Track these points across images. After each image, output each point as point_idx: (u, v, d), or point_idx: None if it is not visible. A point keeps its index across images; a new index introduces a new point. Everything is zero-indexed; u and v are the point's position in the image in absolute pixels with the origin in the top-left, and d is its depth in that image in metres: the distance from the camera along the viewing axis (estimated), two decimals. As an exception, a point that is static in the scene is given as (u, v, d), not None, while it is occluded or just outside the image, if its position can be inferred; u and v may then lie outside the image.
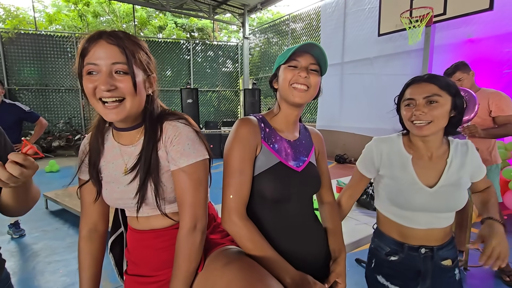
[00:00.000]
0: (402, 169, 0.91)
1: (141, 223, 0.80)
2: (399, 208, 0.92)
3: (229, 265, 0.70)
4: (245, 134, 0.79)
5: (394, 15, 3.75)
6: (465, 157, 0.91)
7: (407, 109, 0.89)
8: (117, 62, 0.65)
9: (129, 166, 0.74)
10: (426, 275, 0.90)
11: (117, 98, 0.65)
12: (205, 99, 8.89)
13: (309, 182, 0.86)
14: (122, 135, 0.77)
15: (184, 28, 12.34)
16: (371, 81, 5.02)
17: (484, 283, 1.90)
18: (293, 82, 0.79)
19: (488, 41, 3.54)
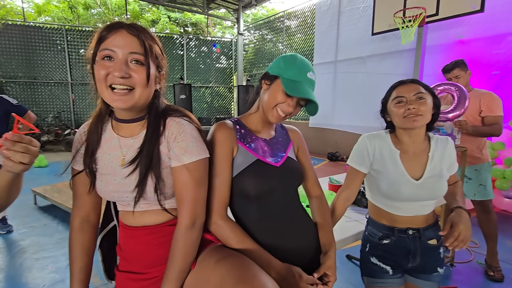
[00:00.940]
0: (392, 163, 1.00)
1: (136, 219, 0.79)
2: (389, 199, 1.01)
3: (222, 261, 0.71)
4: (220, 137, 0.82)
5: (387, 15, 3.78)
6: (444, 150, 1.01)
7: (399, 106, 0.97)
8: (135, 52, 0.66)
9: (127, 158, 0.73)
10: (415, 253, 1.01)
11: (128, 87, 0.66)
12: (198, 95, 8.82)
13: (290, 176, 0.88)
14: (123, 126, 0.76)
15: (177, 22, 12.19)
16: (363, 79, 5.06)
17: (469, 278, 1.95)
18: (279, 107, 0.82)
19: (478, 42, 3.61)
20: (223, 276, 0.66)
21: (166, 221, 0.79)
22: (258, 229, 0.82)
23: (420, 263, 1.02)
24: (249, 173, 0.81)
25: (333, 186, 1.68)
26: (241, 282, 0.64)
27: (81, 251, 0.81)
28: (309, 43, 6.75)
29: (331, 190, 1.64)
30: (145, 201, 0.75)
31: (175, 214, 0.78)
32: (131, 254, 0.80)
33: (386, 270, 1.03)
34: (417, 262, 1.02)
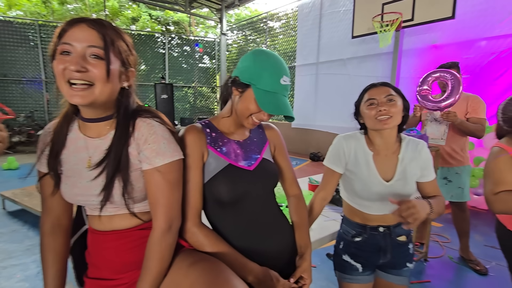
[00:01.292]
0: (365, 165, 1.02)
1: (104, 223, 0.75)
2: (361, 198, 1.04)
3: (194, 265, 0.69)
4: (188, 142, 0.78)
5: (366, 19, 3.89)
6: (414, 152, 1.02)
7: (371, 108, 0.99)
8: (93, 46, 0.62)
9: (94, 160, 0.70)
10: (386, 249, 1.05)
11: (86, 81, 0.62)
12: (181, 95, 8.68)
13: (264, 178, 0.86)
14: (90, 126, 0.72)
15: (159, 21, 11.94)
16: (344, 81, 5.18)
17: (442, 272, 2.04)
18: (254, 117, 0.79)
19: (450, 47, 3.79)
20: (194, 282, 0.65)
21: (136, 225, 0.76)
22: (234, 234, 0.81)
23: (391, 259, 1.05)
24: (221, 179, 0.79)
25: (312, 186, 1.70)
26: (212, 287, 0.63)
27: (54, 256, 0.77)
28: (292, 44, 6.83)
29: (311, 190, 1.66)
30: (112, 205, 0.72)
31: (144, 219, 0.76)
32: (100, 260, 0.76)
33: (356, 267, 1.07)
34: (387, 258, 1.05)
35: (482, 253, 2.26)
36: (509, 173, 1.05)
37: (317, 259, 2.15)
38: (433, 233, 2.59)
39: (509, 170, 1.05)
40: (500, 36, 3.36)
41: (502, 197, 1.03)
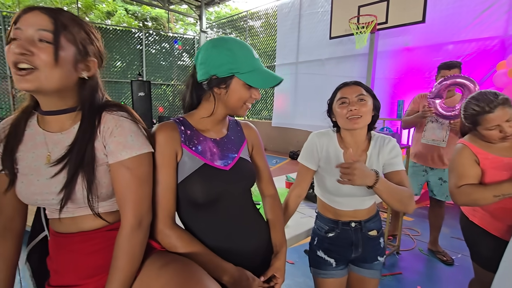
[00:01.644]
0: (336, 162, 1.04)
1: (66, 225, 0.71)
2: (332, 195, 1.07)
3: (165, 267, 0.68)
4: (161, 140, 0.75)
5: (343, 20, 3.99)
6: (382, 148, 1.03)
7: (342, 107, 1.01)
8: (43, 29, 0.60)
9: (54, 156, 0.66)
10: (357, 244, 1.08)
11: (31, 66, 0.59)
12: (159, 92, 8.46)
13: (240, 179, 0.84)
14: (49, 120, 0.68)
15: (136, 16, 11.56)
16: (322, 81, 5.29)
17: (413, 264, 2.14)
18: (248, 102, 0.81)
19: (421, 50, 3.98)
20: (165, 284, 0.63)
21: (103, 226, 0.73)
22: (209, 234, 0.79)
23: (362, 253, 1.09)
24: (196, 179, 0.76)
25: (289, 184, 1.72)
26: (184, 286, 0.62)
27: (1, 262, 0.71)
28: (272, 44, 6.87)
29: (288, 188, 1.68)
30: (74, 205, 0.68)
31: (110, 220, 0.73)
32: (63, 265, 0.72)
33: (330, 262, 1.10)
34: (359, 253, 1.08)
35: (449, 245, 2.40)
36: (470, 168, 1.12)
37: (295, 256, 2.18)
38: (405, 227, 2.71)
39: (471, 165, 1.12)
40: (466, 41, 3.57)
41: (464, 190, 1.10)
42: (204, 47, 0.79)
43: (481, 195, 1.06)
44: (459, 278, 1.96)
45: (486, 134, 1.10)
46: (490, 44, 3.39)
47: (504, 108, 1.04)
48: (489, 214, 1.15)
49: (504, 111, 1.04)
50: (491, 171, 1.10)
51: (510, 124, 1.04)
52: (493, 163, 1.10)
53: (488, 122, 1.07)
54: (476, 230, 1.19)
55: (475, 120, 1.11)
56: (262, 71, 0.78)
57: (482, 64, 3.45)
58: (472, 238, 1.24)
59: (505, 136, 1.05)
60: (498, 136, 1.07)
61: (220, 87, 0.77)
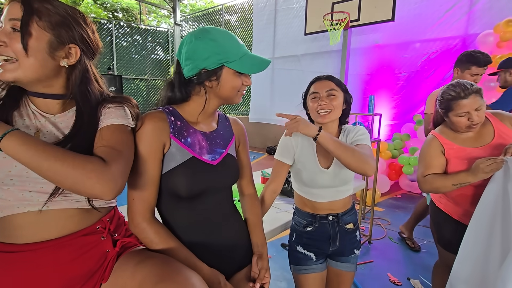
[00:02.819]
0: (310, 155, 1.07)
1: (26, 229, 0.61)
2: (309, 187, 1.10)
3: (141, 263, 0.65)
4: (148, 131, 0.72)
5: (318, 17, 4.04)
6: (349, 134, 1.08)
7: (314, 101, 1.06)
8: (13, 18, 0.59)
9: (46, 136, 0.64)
10: (335, 237, 1.11)
11: (7, 56, 0.59)
12: (132, 87, 8.12)
13: (225, 175, 0.83)
14: (37, 101, 0.67)
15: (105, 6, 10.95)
16: (298, 77, 5.35)
17: (383, 253, 2.26)
18: (242, 89, 0.80)
19: (390, 47, 4.15)
20: (143, 280, 0.60)
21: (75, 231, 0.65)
22: (187, 229, 0.78)
23: (339, 247, 1.12)
24: (182, 172, 0.74)
25: (264, 179, 1.73)
26: (163, 280, 0.59)
27: None
28: (248, 39, 6.82)
29: (263, 183, 1.69)
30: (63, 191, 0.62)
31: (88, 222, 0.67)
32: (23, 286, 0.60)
33: (310, 257, 1.11)
34: (336, 246, 1.11)
35: (416, 232, 2.55)
36: (436, 159, 1.20)
37: (272, 250, 2.21)
38: (376, 217, 2.84)
39: (437, 156, 1.20)
40: (431, 39, 3.77)
41: (428, 179, 1.18)
42: (186, 41, 0.76)
43: (442, 183, 1.14)
44: (425, 263, 2.10)
45: (455, 120, 1.16)
46: (453, 43, 3.61)
47: (476, 96, 1.10)
48: (452, 200, 1.24)
49: (476, 99, 1.10)
50: (454, 160, 1.18)
51: (478, 113, 1.11)
52: (457, 153, 1.18)
53: (460, 107, 1.12)
54: (441, 215, 1.29)
55: (449, 105, 1.16)
56: (250, 56, 0.78)
57: (445, 62, 3.66)
58: (437, 222, 1.33)
59: (472, 124, 1.12)
60: (465, 124, 1.14)
61: (211, 79, 0.76)
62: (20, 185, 0.59)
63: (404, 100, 4.10)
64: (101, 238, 0.69)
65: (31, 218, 0.60)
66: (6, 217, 0.60)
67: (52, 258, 0.61)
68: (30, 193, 0.60)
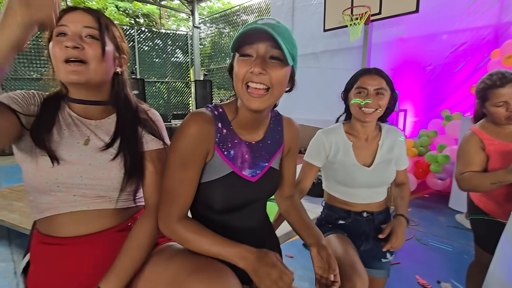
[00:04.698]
0: (346, 154, 1.05)
1: (65, 225, 0.67)
2: (346, 186, 1.08)
3: (173, 257, 0.68)
4: (194, 136, 0.65)
5: (337, 12, 3.96)
6: (394, 142, 1.07)
7: (359, 96, 1.00)
8: (89, 26, 0.66)
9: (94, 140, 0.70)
10: (369, 235, 1.08)
11: (82, 59, 0.65)
12: (154, 90, 8.38)
13: (263, 190, 0.78)
14: (79, 107, 0.73)
15: (127, 13, 11.38)
16: (317, 74, 5.26)
17: (410, 254, 2.17)
18: (246, 80, 0.61)
19: (415, 40, 3.97)
20: (175, 272, 0.63)
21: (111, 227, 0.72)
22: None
23: (372, 247, 1.08)
24: (219, 186, 0.69)
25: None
26: (196, 271, 0.61)
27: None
28: (266, 38, 6.81)
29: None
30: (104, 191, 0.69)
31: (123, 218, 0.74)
32: (61, 278, 0.66)
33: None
34: (369, 245, 1.08)
35: (446, 233, 2.43)
36: (475, 155, 1.14)
37: (293, 250, 2.19)
38: (402, 217, 2.74)
39: (477, 153, 1.14)
40: (459, 30, 3.57)
41: (466, 177, 1.12)
42: None
43: (480, 182, 1.08)
44: (457, 266, 1.99)
45: (493, 111, 1.11)
46: (484, 33, 3.39)
47: None
48: (492, 199, 1.18)
49: None
50: (496, 156, 1.11)
51: None
52: (498, 149, 1.11)
53: (496, 97, 1.07)
54: (481, 214, 1.23)
55: (485, 94, 1.11)
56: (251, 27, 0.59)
57: (476, 53, 3.45)
58: (476, 221, 1.27)
59: (511, 115, 1.06)
60: (504, 115, 1.08)
61: (232, 73, 0.68)
62: (65, 191, 0.66)
63: (430, 95, 3.91)
64: None
65: (72, 217, 0.67)
66: (50, 216, 0.67)
67: (89, 252, 0.68)
68: (74, 197, 0.67)
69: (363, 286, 0.86)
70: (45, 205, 0.67)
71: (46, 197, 0.66)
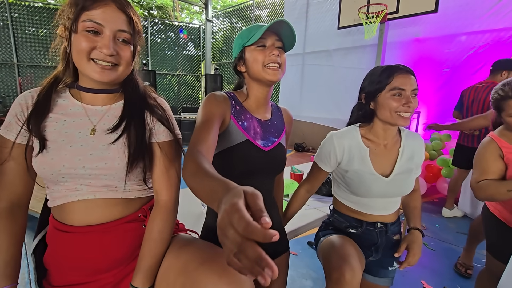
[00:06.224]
0: (361, 162, 0.96)
1: (76, 214, 0.68)
2: (359, 196, 0.99)
3: (185, 247, 0.69)
4: (216, 100, 0.78)
5: (352, 10, 3.88)
6: (414, 147, 0.99)
7: (396, 99, 0.88)
8: (123, 31, 0.65)
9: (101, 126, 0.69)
10: (379, 246, 1.01)
11: (114, 63, 0.66)
12: (164, 83, 8.43)
13: (275, 162, 0.87)
14: (88, 96, 0.72)
15: (141, 4, 11.44)
16: (330, 72, 5.19)
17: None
18: (267, 62, 0.79)
19: (432, 41, 3.87)
20: (187, 260, 0.64)
21: (120, 218, 0.71)
22: None
23: (380, 257, 1.03)
24: (235, 152, 0.79)
25: (294, 175, 1.70)
26: (206, 261, 0.62)
27: (10, 240, 0.67)
28: (278, 34, 6.74)
29: (293, 179, 1.66)
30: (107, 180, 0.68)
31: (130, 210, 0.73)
32: (70, 261, 0.69)
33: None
34: (378, 256, 1.03)
35: (454, 239, 2.37)
36: (493, 163, 1.10)
37: (298, 247, 2.19)
38: (410, 221, 2.69)
39: (494, 161, 1.10)
40: (479, 32, 3.45)
41: (482, 185, 1.09)
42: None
43: (496, 190, 1.04)
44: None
45: (509, 121, 1.09)
46: (505, 35, 3.27)
47: None
48: (509, 207, 1.14)
49: None
50: None
51: None
52: None
53: (510, 107, 1.06)
54: (496, 222, 1.19)
55: (499, 105, 1.10)
56: (261, 27, 0.78)
57: (496, 55, 3.33)
58: (490, 229, 1.24)
59: None
60: None
61: (240, 64, 0.84)
62: (71, 181, 0.67)
63: (445, 98, 3.80)
64: (143, 226, 0.74)
65: (80, 205, 0.68)
66: (61, 204, 0.69)
67: (99, 241, 0.68)
68: (81, 186, 0.68)
69: (353, 279, 0.81)
70: (56, 194, 0.69)
71: (56, 186, 0.68)
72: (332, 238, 1.00)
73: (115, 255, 0.70)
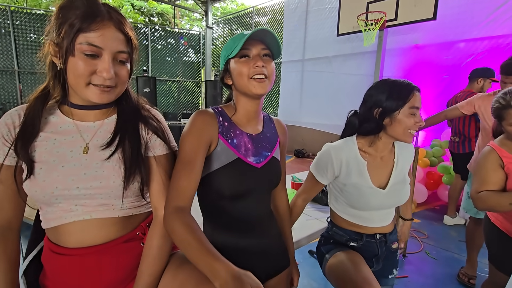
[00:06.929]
0: (359, 176, 0.95)
1: (72, 235, 0.66)
2: (358, 209, 0.99)
3: (182, 266, 0.68)
4: (199, 126, 0.73)
5: (351, 17, 3.91)
6: (406, 154, 1.02)
7: (412, 117, 0.88)
8: (122, 52, 0.63)
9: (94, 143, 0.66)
10: (380, 257, 1.02)
11: (112, 86, 0.64)
12: (164, 89, 8.46)
13: (268, 178, 0.83)
14: (78, 111, 0.68)
15: (142, 11, 11.55)
16: (329, 79, 5.21)
17: (419, 267, 2.10)
18: (252, 74, 0.73)
19: (431, 48, 3.89)
20: (183, 281, 0.63)
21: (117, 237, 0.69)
22: (229, 229, 0.79)
23: (381, 267, 1.04)
24: (226, 172, 0.75)
25: (295, 184, 1.69)
26: (203, 282, 0.60)
27: (6, 264, 0.65)
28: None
29: (293, 189, 1.65)
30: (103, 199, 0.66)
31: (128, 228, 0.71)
32: (67, 284, 0.66)
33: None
34: (380, 266, 1.03)
35: (457, 248, 2.35)
36: (493, 173, 1.09)
37: (299, 257, 2.16)
38: (412, 229, 2.67)
39: (494, 170, 1.09)
40: (478, 39, 3.47)
41: (482, 196, 1.07)
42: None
43: (497, 201, 1.03)
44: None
45: (510, 130, 1.09)
46: (504, 42, 3.29)
47: None
48: (510, 218, 1.13)
49: None
50: None
51: None
52: None
53: (511, 116, 1.05)
54: (497, 232, 1.18)
55: (500, 114, 1.10)
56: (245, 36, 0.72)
57: (494, 62, 3.34)
58: (491, 240, 1.22)
59: None
60: None
61: (226, 77, 0.80)
62: (65, 202, 0.65)
63: (444, 105, 3.81)
64: (141, 244, 0.72)
65: (76, 226, 0.66)
66: (56, 226, 0.66)
67: (96, 263, 0.66)
68: (76, 207, 0.65)
69: None
70: (50, 215, 0.66)
71: (49, 208, 0.66)
72: (341, 257, 0.97)
73: (113, 277, 0.68)
